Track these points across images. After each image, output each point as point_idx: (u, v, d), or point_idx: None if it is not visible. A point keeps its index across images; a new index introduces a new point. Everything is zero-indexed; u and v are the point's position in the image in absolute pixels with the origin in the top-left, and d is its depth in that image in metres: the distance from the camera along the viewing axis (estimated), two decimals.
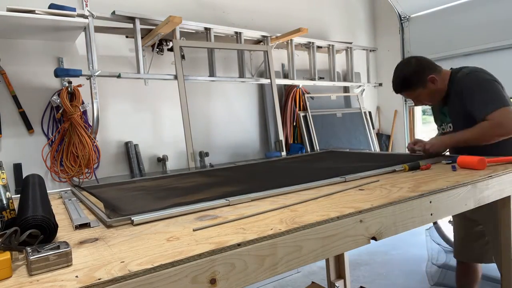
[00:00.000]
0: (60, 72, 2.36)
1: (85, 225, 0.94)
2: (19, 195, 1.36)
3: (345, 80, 4.19)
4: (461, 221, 2.06)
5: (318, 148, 3.62)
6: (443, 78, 1.86)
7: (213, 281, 0.70)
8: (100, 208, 1.07)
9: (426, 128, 4.71)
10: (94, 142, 2.57)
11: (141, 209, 1.01)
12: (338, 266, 2.17)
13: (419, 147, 1.82)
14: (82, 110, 2.54)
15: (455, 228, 2.15)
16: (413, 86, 1.84)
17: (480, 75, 1.80)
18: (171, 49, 2.89)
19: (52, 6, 2.26)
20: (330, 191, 1.16)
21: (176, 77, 2.77)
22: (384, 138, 4.63)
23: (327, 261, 2.15)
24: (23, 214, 0.79)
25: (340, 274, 2.17)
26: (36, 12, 2.13)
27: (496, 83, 1.77)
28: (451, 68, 1.92)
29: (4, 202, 0.82)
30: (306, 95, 3.75)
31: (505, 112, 1.65)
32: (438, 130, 2.04)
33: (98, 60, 2.47)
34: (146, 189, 1.43)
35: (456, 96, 1.80)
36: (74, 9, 2.31)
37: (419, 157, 1.75)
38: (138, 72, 2.62)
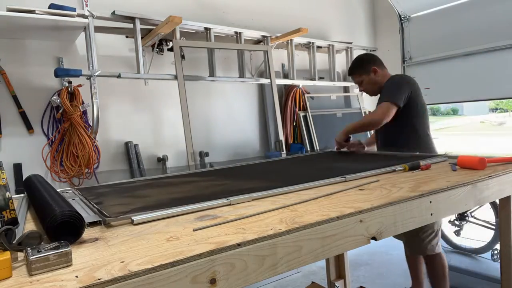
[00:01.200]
0: (60, 72, 2.36)
1: (96, 223, 0.94)
2: (19, 195, 1.37)
3: (345, 80, 4.19)
4: None
5: (318, 148, 3.62)
6: (383, 75, 2.32)
7: (213, 281, 0.70)
8: (100, 208, 1.07)
9: None
10: (94, 142, 2.57)
11: (141, 209, 1.01)
12: (338, 266, 2.17)
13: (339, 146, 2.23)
14: (82, 110, 2.54)
15: None
16: (360, 70, 2.32)
17: (397, 77, 2.29)
18: (171, 49, 2.89)
19: (52, 6, 2.26)
20: (330, 191, 1.16)
21: (176, 77, 2.77)
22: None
23: (327, 261, 2.15)
24: (50, 211, 0.79)
25: (340, 274, 2.17)
26: (36, 12, 2.13)
27: (405, 83, 2.20)
28: (394, 74, 2.35)
29: (4, 202, 0.82)
30: (306, 95, 3.75)
31: (386, 104, 2.12)
32: None
33: (98, 60, 2.47)
34: (146, 189, 1.43)
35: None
36: (74, 9, 2.31)
37: (419, 157, 1.75)
38: (138, 72, 2.62)
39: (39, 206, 0.95)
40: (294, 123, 3.68)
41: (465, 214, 3.24)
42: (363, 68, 2.34)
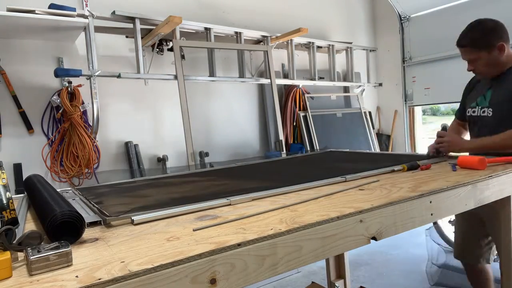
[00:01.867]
0: (60, 72, 2.36)
1: (96, 223, 0.94)
2: (19, 195, 1.37)
3: (345, 80, 4.19)
4: (463, 219, 2.01)
5: (318, 148, 3.62)
6: (509, 56, 1.71)
7: (213, 281, 0.70)
8: (100, 208, 1.07)
9: (426, 128, 4.71)
10: (94, 142, 2.57)
11: (141, 209, 1.01)
12: (338, 266, 2.16)
13: (441, 146, 1.72)
14: (82, 110, 2.54)
15: (456, 226, 2.13)
16: (480, 43, 1.69)
17: None
18: (171, 49, 2.89)
19: (52, 6, 2.26)
20: (330, 191, 1.16)
21: (176, 77, 2.77)
22: (384, 138, 4.63)
23: (327, 261, 2.15)
24: (50, 211, 0.79)
25: (340, 274, 2.17)
26: (36, 12, 2.13)
27: None
28: None
29: (4, 202, 0.82)
30: (306, 95, 3.75)
31: None
32: (465, 110, 1.90)
33: (98, 60, 2.47)
34: (146, 189, 1.43)
35: (507, 87, 1.68)
36: (74, 9, 2.31)
37: (419, 157, 1.75)
38: (138, 72, 2.62)
39: (39, 206, 0.95)
40: (294, 123, 3.68)
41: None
42: (487, 41, 1.68)
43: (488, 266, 1.96)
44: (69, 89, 2.49)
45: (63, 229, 0.76)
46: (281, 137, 3.33)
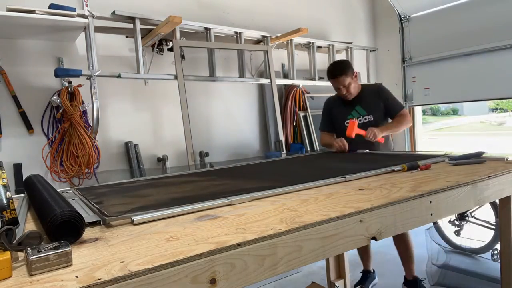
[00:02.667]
0: (60, 72, 2.36)
1: (96, 223, 0.94)
2: (19, 195, 1.37)
3: None
4: None
5: (318, 148, 3.62)
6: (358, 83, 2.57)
7: (213, 281, 0.70)
8: (100, 208, 1.07)
9: (426, 128, 4.71)
10: (94, 142, 2.57)
11: (141, 209, 1.01)
12: (338, 266, 2.17)
13: (370, 136, 2.32)
14: (82, 110, 2.54)
15: None
16: (348, 73, 2.46)
17: (378, 85, 2.66)
18: (171, 49, 2.89)
19: (52, 6, 2.26)
20: (330, 191, 1.16)
21: (176, 77, 2.77)
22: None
23: (327, 261, 2.15)
24: (51, 211, 0.79)
25: (340, 274, 2.17)
26: (36, 12, 2.13)
27: None
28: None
29: (5, 201, 0.82)
30: (306, 95, 3.75)
31: (406, 110, 2.56)
32: (343, 122, 2.54)
33: (98, 60, 2.47)
34: (146, 189, 1.43)
35: (372, 96, 2.52)
36: (74, 9, 2.31)
37: (418, 157, 1.75)
38: (138, 72, 2.62)
39: (39, 206, 0.95)
40: (294, 123, 3.68)
41: (465, 214, 3.24)
42: (350, 71, 2.48)
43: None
44: (69, 89, 2.49)
45: (63, 229, 0.76)
46: (281, 137, 3.33)
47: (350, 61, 4.09)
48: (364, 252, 2.77)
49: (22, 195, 1.36)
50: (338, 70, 2.47)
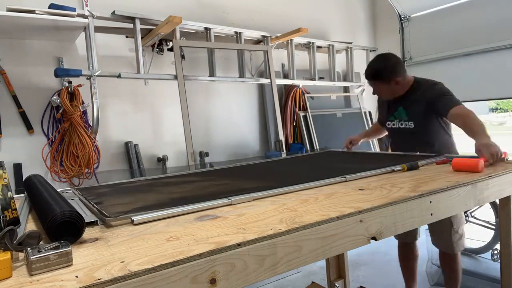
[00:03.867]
0: (60, 72, 2.36)
1: (93, 223, 0.94)
2: (19, 195, 1.37)
3: (345, 80, 4.19)
4: None
5: (318, 148, 3.62)
6: (405, 83, 2.16)
7: (213, 281, 0.70)
8: (100, 208, 1.07)
9: None
10: (94, 142, 2.57)
11: (141, 209, 1.01)
12: (338, 266, 2.17)
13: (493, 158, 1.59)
14: (82, 110, 2.54)
15: None
16: (381, 80, 2.12)
17: (432, 82, 2.18)
18: (171, 49, 2.89)
19: (52, 6, 2.26)
20: (330, 191, 1.16)
21: (176, 77, 2.77)
22: (384, 138, 4.62)
23: (327, 261, 2.15)
24: (50, 211, 0.79)
25: (340, 274, 2.17)
26: (36, 12, 2.13)
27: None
28: (414, 77, 2.23)
29: (6, 201, 0.82)
30: (306, 95, 3.75)
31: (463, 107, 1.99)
32: (385, 122, 2.32)
33: (98, 60, 2.47)
34: (146, 189, 1.43)
35: (419, 101, 2.09)
36: (74, 9, 2.31)
37: (419, 157, 1.75)
38: (138, 72, 2.62)
39: (39, 206, 0.95)
40: (294, 123, 3.68)
41: (465, 214, 3.24)
42: (384, 78, 2.11)
43: (416, 245, 2.46)
44: (69, 89, 2.49)
45: (64, 229, 0.76)
46: (281, 137, 3.33)
47: (350, 61, 4.09)
48: (410, 275, 2.50)
49: (22, 195, 1.36)
50: (370, 73, 2.16)
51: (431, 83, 2.16)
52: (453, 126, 2.12)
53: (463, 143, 2.31)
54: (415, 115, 2.13)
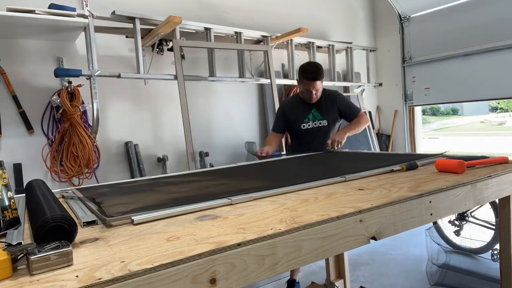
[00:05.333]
0: (60, 72, 2.36)
1: (92, 223, 0.94)
2: (19, 195, 1.37)
3: (345, 80, 4.19)
4: None
5: None
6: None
7: (213, 281, 0.70)
8: (100, 208, 1.07)
9: (425, 128, 4.71)
10: (94, 142, 2.57)
11: (141, 209, 1.01)
12: (338, 266, 2.17)
13: (333, 144, 2.41)
14: (82, 110, 2.54)
15: None
16: (323, 77, 2.52)
17: (333, 91, 2.71)
18: (171, 49, 2.89)
19: (52, 6, 2.26)
20: (330, 191, 1.16)
21: (176, 77, 2.77)
22: (384, 138, 4.63)
23: (327, 261, 2.15)
24: (41, 215, 0.77)
25: (340, 274, 2.17)
26: (36, 12, 2.13)
27: None
28: None
29: (6, 201, 0.82)
30: None
31: (362, 112, 2.70)
32: (300, 125, 2.60)
33: (98, 60, 2.47)
34: (146, 189, 1.43)
35: (329, 104, 2.59)
36: (74, 9, 2.31)
37: (419, 157, 1.75)
38: (138, 72, 2.62)
39: (32, 212, 0.93)
40: None
41: (465, 214, 3.24)
42: (323, 76, 2.54)
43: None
44: (69, 89, 2.49)
45: (55, 233, 0.74)
46: None
47: (350, 61, 4.09)
48: None
49: (22, 195, 1.36)
50: (319, 73, 2.48)
51: (333, 91, 2.72)
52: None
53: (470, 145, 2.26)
54: (326, 114, 2.61)
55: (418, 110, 4.55)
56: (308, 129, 2.60)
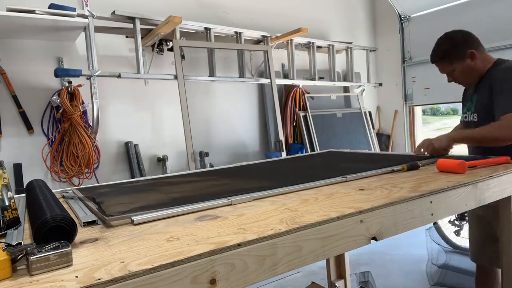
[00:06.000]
0: (60, 72, 2.36)
1: (92, 223, 0.94)
2: (19, 195, 1.37)
3: (345, 80, 4.19)
4: (476, 221, 1.94)
5: (318, 148, 3.62)
6: (484, 60, 1.76)
7: (213, 281, 0.69)
8: (100, 208, 1.06)
9: (426, 128, 4.71)
10: (94, 142, 2.57)
11: (141, 209, 1.01)
12: (339, 266, 2.16)
13: (424, 147, 1.75)
14: (82, 110, 2.54)
15: (470, 228, 2.02)
16: (452, 57, 1.76)
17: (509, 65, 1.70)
18: (171, 49, 2.89)
19: (52, 6, 2.26)
20: (331, 191, 1.15)
21: (176, 77, 2.77)
22: (384, 138, 4.63)
23: (327, 261, 2.15)
24: (41, 215, 0.77)
25: (341, 274, 2.17)
26: (36, 12, 2.13)
27: None
28: (499, 58, 1.79)
29: (6, 201, 0.82)
30: (306, 95, 3.75)
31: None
32: (461, 117, 1.93)
33: (98, 60, 2.47)
34: (146, 189, 1.43)
35: (487, 87, 1.69)
36: (74, 9, 2.31)
37: (421, 157, 1.74)
38: (138, 72, 2.62)
39: (32, 212, 0.93)
40: (294, 123, 3.68)
41: (465, 214, 3.24)
42: (457, 53, 1.75)
43: (498, 270, 1.81)
44: (69, 89, 2.49)
45: (55, 233, 0.74)
46: (281, 137, 3.33)
47: (350, 61, 4.08)
48: None
49: (22, 195, 1.36)
50: (435, 54, 1.84)
51: (508, 64, 1.73)
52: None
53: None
54: (480, 105, 1.74)
55: (418, 110, 4.55)
56: (465, 122, 1.89)
